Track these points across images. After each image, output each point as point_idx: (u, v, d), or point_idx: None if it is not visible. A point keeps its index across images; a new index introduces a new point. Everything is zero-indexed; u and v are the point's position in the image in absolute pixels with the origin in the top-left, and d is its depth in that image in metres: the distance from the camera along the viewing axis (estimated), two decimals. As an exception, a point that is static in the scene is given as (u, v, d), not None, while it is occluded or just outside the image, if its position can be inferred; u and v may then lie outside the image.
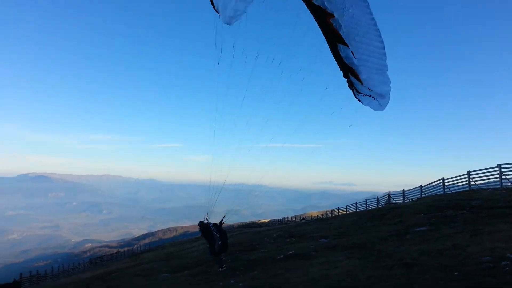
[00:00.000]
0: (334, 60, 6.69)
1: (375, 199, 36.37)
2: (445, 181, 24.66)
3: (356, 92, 7.17)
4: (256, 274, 9.38)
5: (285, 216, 73.86)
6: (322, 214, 58.40)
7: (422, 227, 11.26)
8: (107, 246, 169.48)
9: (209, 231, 11.70)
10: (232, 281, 8.83)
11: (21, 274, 32.84)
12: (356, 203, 40.96)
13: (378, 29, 7.08)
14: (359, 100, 7.27)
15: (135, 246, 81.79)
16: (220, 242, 11.23)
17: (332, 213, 47.91)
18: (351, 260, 8.73)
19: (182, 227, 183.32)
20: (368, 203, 37.53)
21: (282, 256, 11.35)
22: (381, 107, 7.42)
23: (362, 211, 30.57)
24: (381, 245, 10.03)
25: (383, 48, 7.29)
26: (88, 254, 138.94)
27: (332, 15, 5.99)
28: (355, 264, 8.11)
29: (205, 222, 12.15)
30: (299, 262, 9.79)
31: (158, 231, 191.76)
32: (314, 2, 5.85)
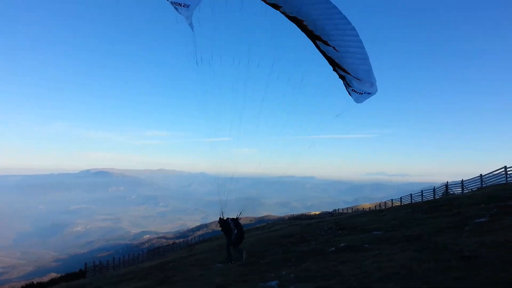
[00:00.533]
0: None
1: (432, 190, 34.82)
2: (507, 169, 23.00)
3: (346, 85, 8.30)
4: (307, 266, 9.40)
5: (336, 208, 72.82)
6: (375, 206, 56.94)
7: (482, 218, 10.65)
8: (163, 237, 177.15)
9: (227, 225, 12.85)
10: (283, 273, 8.93)
11: (85, 264, 35.28)
12: (411, 194, 39.51)
13: (349, 22, 7.94)
14: (349, 94, 8.37)
15: (190, 237, 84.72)
16: (236, 232, 12.41)
17: (385, 205, 46.59)
18: (406, 252, 8.48)
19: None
20: (424, 194, 36.04)
21: (333, 248, 11.27)
22: (370, 95, 8.36)
23: (418, 202, 29.44)
24: (438, 237, 9.63)
25: (359, 40, 8.09)
26: (146, 245, 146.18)
27: (303, 20, 7.54)
28: (410, 257, 7.87)
29: (223, 217, 13.20)
30: (351, 255, 9.68)
31: (211, 222, 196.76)
32: (290, 14, 7.49)
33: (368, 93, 8.41)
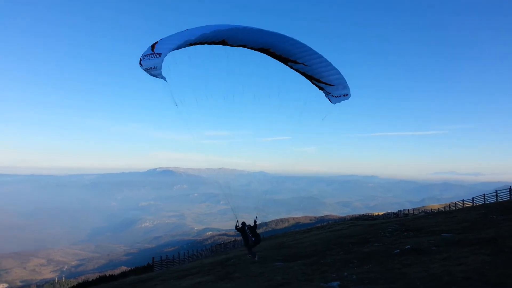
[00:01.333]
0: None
1: (507, 190, 32.01)
2: None
3: (326, 93, 9.94)
4: (370, 267, 9.14)
5: (401, 209, 69.66)
6: (444, 206, 53.63)
7: None
8: (225, 234, 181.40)
9: (244, 231, 13.75)
10: (345, 274, 8.76)
11: (153, 258, 37.14)
12: (484, 194, 36.63)
13: (305, 44, 9.56)
14: (329, 100, 9.99)
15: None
16: (254, 239, 13.47)
17: (455, 206, 43.70)
18: (479, 256, 7.92)
19: (293, 218, 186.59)
20: (498, 194, 33.24)
21: (398, 250, 10.82)
22: (346, 97, 9.89)
23: (492, 203, 27.29)
24: (516, 241, 8.87)
25: (320, 55, 9.71)
26: (209, 241, 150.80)
27: (270, 48, 9.41)
28: (483, 261, 7.34)
29: (238, 225, 14.06)
30: (418, 257, 9.24)
31: (271, 221, 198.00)
32: (257, 47, 9.28)
33: (344, 95, 10.01)
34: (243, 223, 14.26)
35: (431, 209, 62.51)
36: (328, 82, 9.88)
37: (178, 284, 11.51)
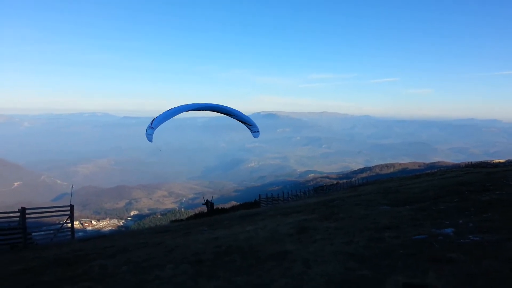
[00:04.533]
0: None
1: None
2: None
3: (249, 129, 18.12)
4: (489, 216, 8.42)
5: (530, 157, 61.34)
6: None
7: None
8: (327, 177, 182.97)
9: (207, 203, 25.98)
10: (460, 221, 8.22)
11: (259, 195, 39.56)
12: None
13: (235, 109, 17.77)
14: (253, 135, 18.00)
15: (353, 179, 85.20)
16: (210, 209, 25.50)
17: None
18: None
19: (400, 164, 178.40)
20: None
21: (525, 200, 9.70)
22: (258, 133, 18.14)
23: None
24: None
25: (243, 114, 18.25)
26: (311, 183, 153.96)
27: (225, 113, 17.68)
28: None
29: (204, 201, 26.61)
30: (550, 209, 8.18)
31: (375, 166, 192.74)
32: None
33: (257, 131, 18.21)
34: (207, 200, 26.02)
35: None
36: (250, 123, 18.63)
37: (284, 220, 12.14)
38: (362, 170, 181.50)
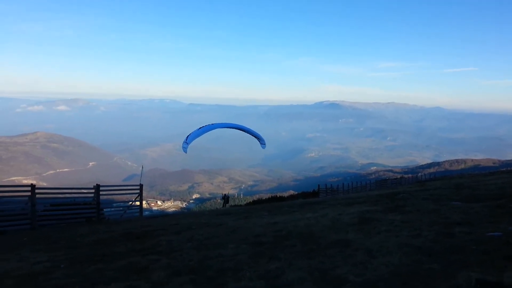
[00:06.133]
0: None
1: None
2: None
3: (259, 141, 20.29)
4: None
5: None
6: None
7: None
8: (391, 170, 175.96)
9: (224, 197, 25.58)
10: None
11: (318, 185, 39.05)
12: None
13: (244, 126, 20.11)
14: (260, 144, 20.41)
15: (419, 173, 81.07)
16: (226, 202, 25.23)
17: None
18: None
19: (472, 160, 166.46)
20: None
21: None
22: (264, 145, 20.29)
23: None
24: None
25: (251, 129, 20.27)
26: (373, 176, 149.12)
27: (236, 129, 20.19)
28: None
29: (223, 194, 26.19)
30: None
31: (444, 161, 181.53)
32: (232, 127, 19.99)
33: (264, 143, 20.24)
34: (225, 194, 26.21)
35: None
36: (258, 137, 20.31)
37: (346, 210, 11.88)
38: (429, 165, 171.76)
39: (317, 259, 5.69)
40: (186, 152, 16.31)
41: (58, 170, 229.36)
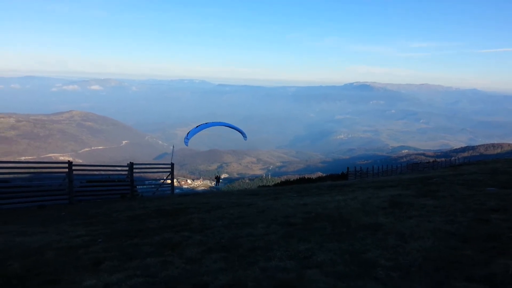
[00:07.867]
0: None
1: None
2: None
3: (242, 134, 21.63)
4: None
5: None
6: None
7: None
8: (423, 154, 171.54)
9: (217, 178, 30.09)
10: None
11: (347, 168, 38.63)
12: None
13: (230, 124, 21.79)
14: (243, 136, 21.95)
15: (453, 158, 78.68)
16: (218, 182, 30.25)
17: None
18: None
19: (509, 144, 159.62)
20: None
21: None
22: (246, 138, 22.09)
23: None
24: None
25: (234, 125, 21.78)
26: (404, 159, 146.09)
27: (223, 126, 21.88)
28: None
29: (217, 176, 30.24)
30: None
31: (479, 145, 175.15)
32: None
33: (245, 136, 21.78)
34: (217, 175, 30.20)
35: None
36: (240, 131, 21.49)
37: (376, 193, 11.75)
38: (464, 149, 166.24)
39: (347, 241, 5.70)
40: (187, 145, 19.20)
41: (93, 148, 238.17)
